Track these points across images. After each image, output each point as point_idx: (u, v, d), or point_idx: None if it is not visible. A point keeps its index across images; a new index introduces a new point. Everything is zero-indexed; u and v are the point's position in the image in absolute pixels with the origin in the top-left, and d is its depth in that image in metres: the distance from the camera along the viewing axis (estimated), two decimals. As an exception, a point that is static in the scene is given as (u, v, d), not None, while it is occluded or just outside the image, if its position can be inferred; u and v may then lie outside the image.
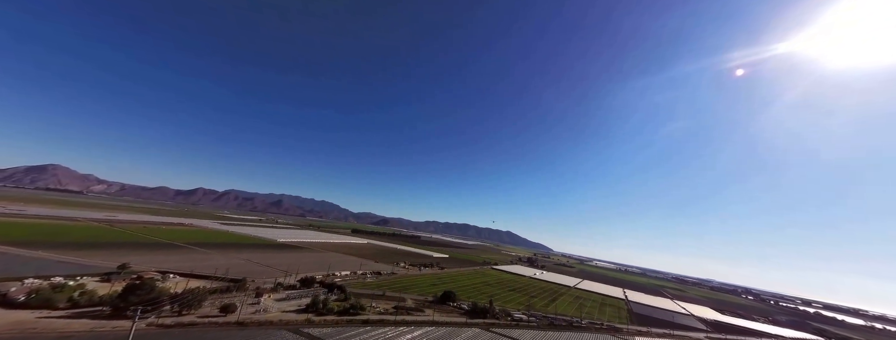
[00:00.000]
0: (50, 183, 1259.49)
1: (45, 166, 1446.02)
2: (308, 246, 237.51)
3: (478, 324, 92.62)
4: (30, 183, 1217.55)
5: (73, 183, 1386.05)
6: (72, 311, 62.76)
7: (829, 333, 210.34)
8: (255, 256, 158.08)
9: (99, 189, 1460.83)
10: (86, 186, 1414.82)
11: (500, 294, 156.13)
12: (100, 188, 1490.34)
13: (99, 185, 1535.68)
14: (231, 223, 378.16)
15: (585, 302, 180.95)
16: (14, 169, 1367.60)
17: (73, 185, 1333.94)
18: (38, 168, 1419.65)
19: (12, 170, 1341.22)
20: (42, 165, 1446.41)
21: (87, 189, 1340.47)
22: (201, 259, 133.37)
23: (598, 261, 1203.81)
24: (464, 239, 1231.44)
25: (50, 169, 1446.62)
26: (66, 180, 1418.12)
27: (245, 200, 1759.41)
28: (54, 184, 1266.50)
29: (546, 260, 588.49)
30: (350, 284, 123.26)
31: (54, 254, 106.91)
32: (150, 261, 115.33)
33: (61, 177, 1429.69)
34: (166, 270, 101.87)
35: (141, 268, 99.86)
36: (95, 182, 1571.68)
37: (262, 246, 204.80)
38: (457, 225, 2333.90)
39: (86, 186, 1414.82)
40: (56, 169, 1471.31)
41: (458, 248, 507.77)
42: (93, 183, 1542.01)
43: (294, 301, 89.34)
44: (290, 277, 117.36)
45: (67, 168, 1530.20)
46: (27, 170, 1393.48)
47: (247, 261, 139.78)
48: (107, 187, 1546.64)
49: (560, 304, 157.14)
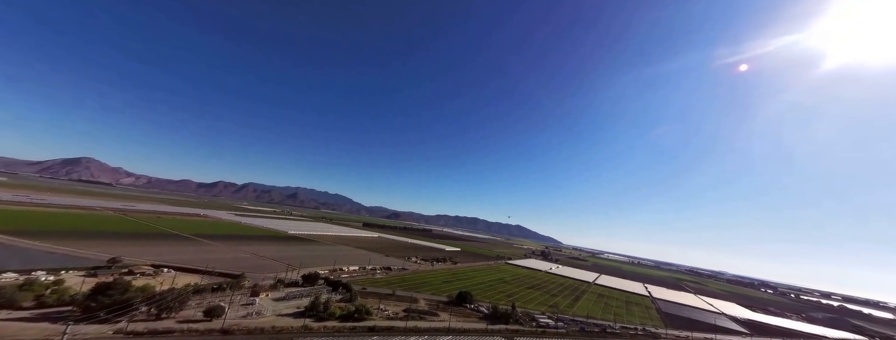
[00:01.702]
0: (83, 176, 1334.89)
1: (79, 159, 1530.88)
2: (318, 238, 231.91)
3: (500, 332, 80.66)
4: (65, 174, 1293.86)
5: (105, 176, 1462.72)
6: (36, 312, 54.68)
7: (869, 331, 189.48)
8: (263, 249, 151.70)
9: (128, 181, 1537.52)
10: (116, 179, 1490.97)
11: (519, 292, 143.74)
12: (129, 180, 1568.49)
13: (128, 178, 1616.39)
14: (245, 214, 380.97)
15: (610, 301, 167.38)
16: (52, 161, 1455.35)
17: (105, 177, 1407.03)
18: (72, 160, 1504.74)
19: (50, 163, 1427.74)
20: (76, 158, 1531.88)
21: (117, 181, 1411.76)
22: (205, 251, 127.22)
23: (609, 254, 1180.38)
24: (474, 232, 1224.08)
25: (83, 162, 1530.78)
26: (98, 173, 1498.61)
27: (263, 193, 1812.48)
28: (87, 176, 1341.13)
29: (558, 254, 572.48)
30: (358, 281, 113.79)
31: (51, 245, 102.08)
32: (151, 253, 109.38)
33: (94, 170, 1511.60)
34: (161, 263, 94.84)
35: (134, 261, 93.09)
36: (125, 174, 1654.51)
37: (272, 238, 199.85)
38: (467, 219, 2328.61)
39: (116, 179, 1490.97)
40: (89, 162, 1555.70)
41: (469, 242, 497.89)
42: (122, 175, 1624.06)
43: (293, 301, 79.84)
44: (294, 272, 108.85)
45: (100, 161, 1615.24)
46: (63, 162, 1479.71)
47: (252, 255, 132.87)
48: (135, 180, 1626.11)
49: (584, 303, 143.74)
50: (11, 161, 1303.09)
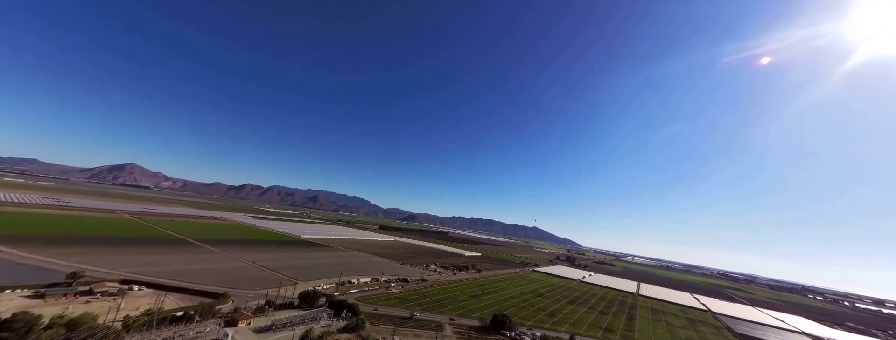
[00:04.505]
0: (127, 180, 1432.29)
1: (124, 165, 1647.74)
2: (331, 243, 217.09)
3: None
4: (112, 179, 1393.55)
5: (146, 180, 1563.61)
6: None
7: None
8: (268, 256, 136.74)
9: (166, 185, 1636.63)
10: (155, 182, 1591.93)
11: (562, 310, 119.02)
12: (167, 184, 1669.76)
13: (166, 182, 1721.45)
14: (263, 217, 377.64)
15: (669, 318, 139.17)
16: (100, 167, 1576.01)
17: (146, 182, 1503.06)
18: (118, 167, 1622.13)
19: (99, 169, 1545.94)
20: (122, 164, 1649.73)
21: (156, 185, 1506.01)
22: (200, 260, 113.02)
23: (632, 257, 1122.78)
24: (490, 235, 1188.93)
25: (128, 167, 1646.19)
26: (140, 177, 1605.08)
27: (286, 195, 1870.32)
28: (131, 181, 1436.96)
29: (582, 258, 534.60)
30: (368, 298, 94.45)
31: (28, 253, 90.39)
32: (137, 262, 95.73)
33: (137, 175, 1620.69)
34: (135, 278, 79.76)
35: (103, 276, 78.49)
36: (163, 179, 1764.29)
37: (281, 243, 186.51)
38: (483, 221, 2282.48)
39: (155, 182, 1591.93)
40: (133, 167, 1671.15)
41: (488, 245, 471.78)
42: (161, 179, 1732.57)
43: (280, 333, 61.16)
44: (293, 287, 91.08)
45: (142, 167, 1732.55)
46: (110, 168, 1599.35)
47: (251, 264, 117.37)
48: (172, 183, 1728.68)
49: (643, 325, 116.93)
50: (67, 168, 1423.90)
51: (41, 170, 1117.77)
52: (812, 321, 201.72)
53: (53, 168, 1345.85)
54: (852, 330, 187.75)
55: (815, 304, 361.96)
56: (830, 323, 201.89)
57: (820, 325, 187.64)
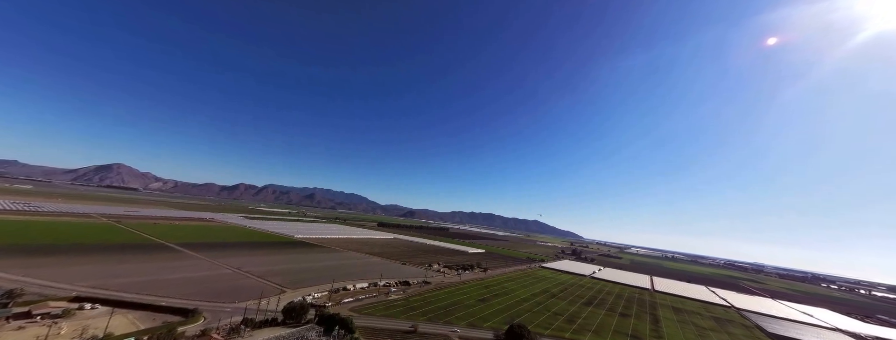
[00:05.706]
0: (114, 181, 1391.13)
1: (111, 165, 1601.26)
2: (327, 243, 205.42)
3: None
4: (98, 181, 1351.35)
5: (134, 181, 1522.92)
6: None
7: None
8: (255, 260, 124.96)
9: (155, 186, 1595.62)
10: (144, 183, 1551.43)
11: (580, 313, 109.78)
12: (156, 185, 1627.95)
13: (156, 183, 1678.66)
14: (256, 217, 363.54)
15: (694, 318, 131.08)
16: (86, 168, 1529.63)
17: (134, 183, 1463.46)
18: (105, 167, 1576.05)
19: (84, 170, 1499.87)
20: (109, 164, 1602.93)
21: (145, 186, 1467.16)
22: (177, 268, 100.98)
23: (636, 248, 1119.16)
24: (491, 229, 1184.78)
25: (115, 168, 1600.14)
26: (128, 178, 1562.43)
27: (282, 194, 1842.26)
28: (118, 182, 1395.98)
29: (587, 251, 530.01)
30: (365, 308, 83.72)
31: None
32: (100, 274, 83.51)
33: (124, 176, 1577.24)
34: (91, 295, 67.68)
35: (50, 292, 66.26)
36: (153, 179, 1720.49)
37: (273, 244, 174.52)
38: (482, 215, 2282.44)
39: (144, 183, 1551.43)
40: (120, 168, 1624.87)
41: (490, 241, 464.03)
42: (151, 180, 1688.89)
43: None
44: (278, 298, 79.77)
45: (130, 167, 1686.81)
46: (97, 169, 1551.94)
47: (234, 271, 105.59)
48: (162, 184, 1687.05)
49: (669, 327, 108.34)
50: (49, 170, 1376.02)
51: (22, 173, 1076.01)
52: (841, 314, 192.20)
53: (35, 170, 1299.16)
54: (886, 324, 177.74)
55: (831, 294, 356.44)
56: (861, 317, 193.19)
57: (850, 319, 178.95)
